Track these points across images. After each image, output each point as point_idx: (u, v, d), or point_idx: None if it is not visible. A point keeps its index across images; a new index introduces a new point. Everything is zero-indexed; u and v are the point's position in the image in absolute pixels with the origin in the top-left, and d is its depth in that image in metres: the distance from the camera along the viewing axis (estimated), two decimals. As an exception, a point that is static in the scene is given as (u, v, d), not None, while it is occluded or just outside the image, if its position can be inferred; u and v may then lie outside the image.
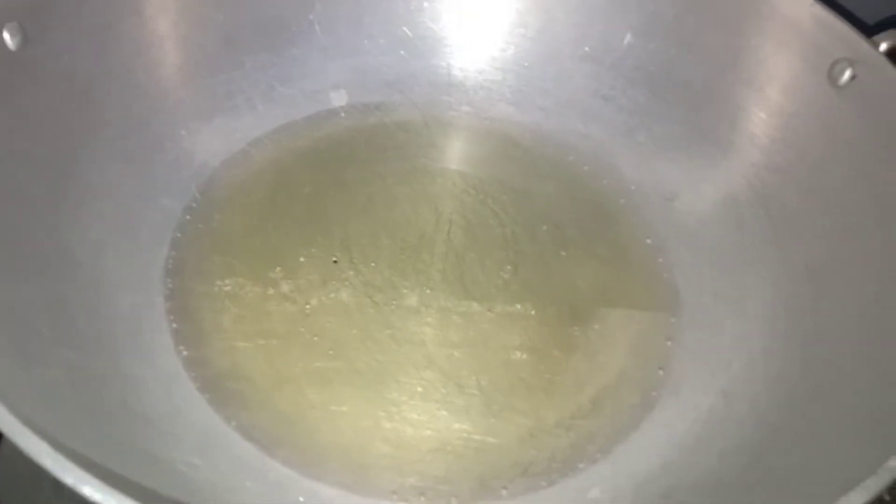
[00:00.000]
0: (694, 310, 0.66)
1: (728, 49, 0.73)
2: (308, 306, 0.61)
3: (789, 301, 0.62)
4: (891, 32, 0.63)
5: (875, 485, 0.35)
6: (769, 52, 0.69)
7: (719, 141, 0.73)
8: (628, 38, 0.79)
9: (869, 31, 0.64)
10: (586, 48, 0.80)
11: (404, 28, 0.81)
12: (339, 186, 0.73)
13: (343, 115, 0.79)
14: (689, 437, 0.55)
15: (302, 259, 0.65)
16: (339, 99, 0.81)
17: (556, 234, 0.70)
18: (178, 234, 0.66)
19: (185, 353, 0.56)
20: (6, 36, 0.55)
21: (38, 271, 0.52)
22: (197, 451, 0.50)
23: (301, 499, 0.49)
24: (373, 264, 0.65)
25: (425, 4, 0.81)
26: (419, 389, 0.57)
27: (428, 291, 0.64)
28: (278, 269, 0.64)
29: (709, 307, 0.66)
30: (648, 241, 0.70)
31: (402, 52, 0.82)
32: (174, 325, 0.58)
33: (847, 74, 0.63)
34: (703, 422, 0.56)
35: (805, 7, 0.65)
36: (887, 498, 0.53)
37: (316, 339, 0.59)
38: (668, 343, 0.63)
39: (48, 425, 0.38)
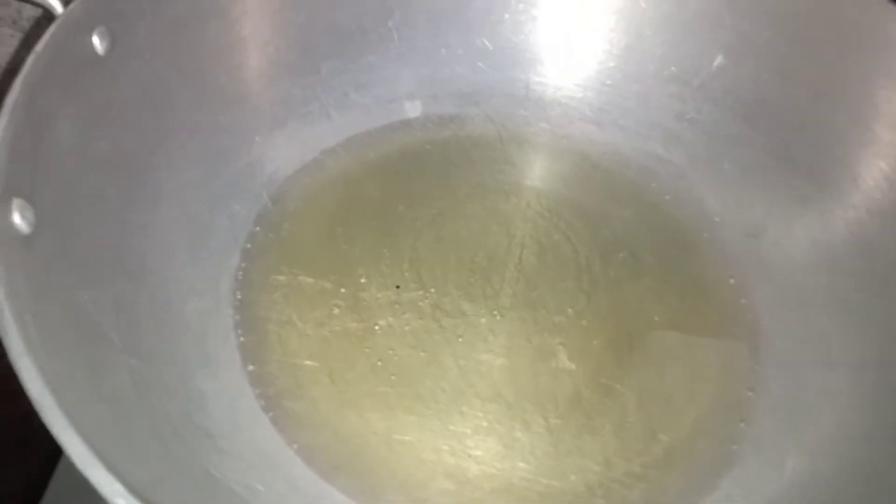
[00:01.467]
0: (778, 357, 0.62)
1: (829, 78, 0.68)
2: (376, 327, 0.60)
3: (881, 356, 0.57)
4: None
5: None
6: (878, 86, 0.65)
7: (814, 177, 0.68)
8: (719, 59, 0.75)
9: None
10: (673, 68, 0.77)
11: (483, 39, 0.79)
12: (410, 200, 0.71)
13: (416, 126, 0.77)
14: (773, 497, 0.51)
15: (369, 277, 0.63)
16: (413, 110, 0.79)
17: (632, 264, 0.67)
18: (248, 244, 0.65)
19: (251, 368, 0.55)
20: (95, 40, 0.55)
21: (108, 276, 0.52)
22: (256, 472, 0.49)
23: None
24: (441, 286, 0.63)
25: (506, 16, 0.79)
26: (484, 424, 0.55)
27: (497, 318, 0.62)
28: (346, 284, 0.62)
29: (794, 355, 0.62)
30: (731, 279, 0.67)
31: (479, 64, 0.80)
32: (241, 339, 0.57)
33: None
34: (787, 483, 0.52)
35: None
36: None
37: (380, 363, 0.58)
38: (750, 393, 0.59)
39: (112, 438, 0.38)
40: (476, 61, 0.80)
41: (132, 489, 0.32)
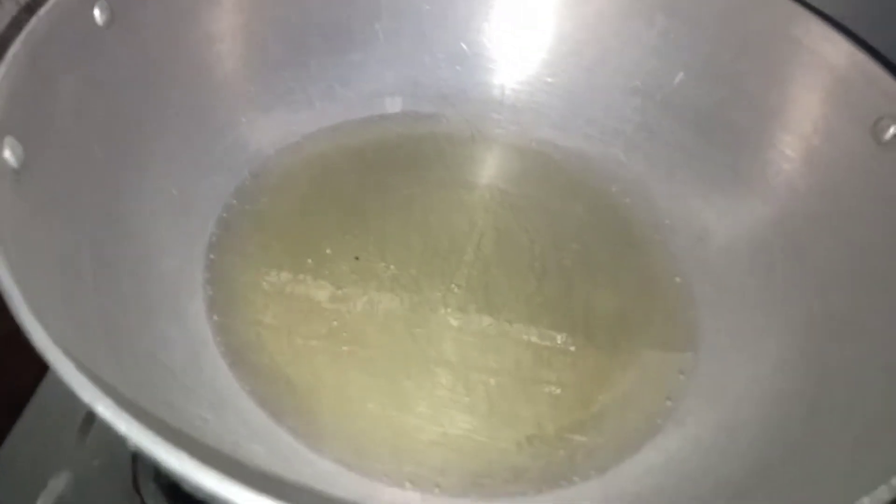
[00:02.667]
0: (711, 347, 0.66)
1: (776, 96, 0.73)
2: (339, 292, 0.64)
3: (805, 350, 0.62)
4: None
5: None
6: (815, 103, 0.70)
7: (758, 185, 0.73)
8: (680, 76, 0.80)
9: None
10: (638, 82, 0.82)
11: (463, 45, 0.85)
12: (382, 186, 0.76)
13: (395, 121, 0.83)
14: (687, 465, 0.55)
15: (335, 250, 0.68)
16: (393, 105, 0.84)
17: (584, 257, 0.72)
18: (225, 213, 0.70)
19: (215, 318, 0.60)
20: (96, 12, 0.61)
21: (91, 226, 0.57)
22: (211, 407, 0.53)
23: (300, 468, 0.51)
24: (402, 262, 0.68)
25: (485, 25, 0.85)
26: (429, 385, 0.59)
27: (452, 293, 0.66)
28: (313, 254, 0.67)
29: (726, 347, 0.66)
30: (676, 277, 0.71)
31: (458, 68, 0.85)
32: (209, 293, 0.62)
33: (891, 131, 0.63)
34: (704, 453, 0.56)
35: (852, 61, 0.65)
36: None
37: (336, 323, 0.62)
38: (681, 376, 0.63)
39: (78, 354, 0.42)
40: (455, 65, 0.85)
41: (110, 392, 0.36)
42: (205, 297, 0.62)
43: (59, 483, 0.61)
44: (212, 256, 0.66)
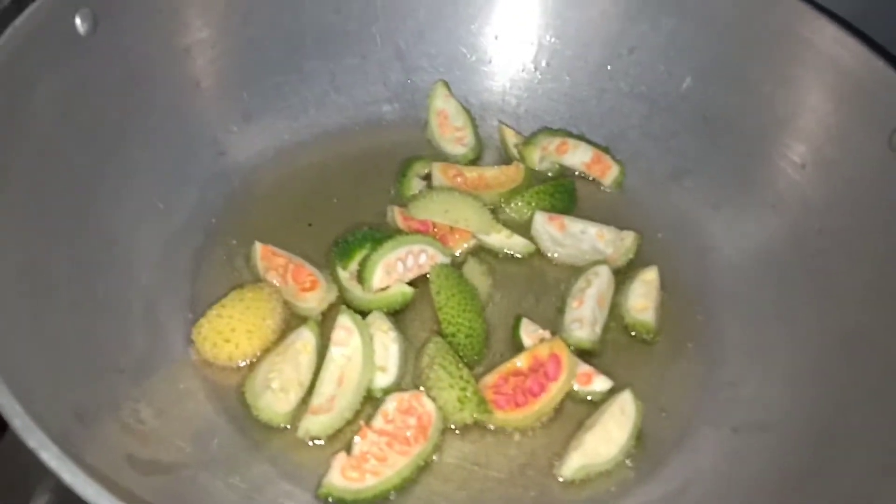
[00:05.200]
0: (719, 362, 0.63)
1: (787, 102, 0.70)
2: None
3: (818, 368, 0.59)
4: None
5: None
6: (830, 111, 0.66)
7: (768, 196, 0.70)
8: (688, 81, 0.77)
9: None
10: (643, 87, 0.79)
11: (462, 48, 0.82)
12: (378, 197, 0.73)
13: (392, 127, 0.80)
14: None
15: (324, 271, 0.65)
16: (391, 112, 0.82)
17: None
18: (213, 225, 0.68)
19: (193, 334, 0.58)
20: (77, 21, 0.59)
21: (69, 237, 0.55)
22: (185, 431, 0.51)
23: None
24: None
25: (486, 28, 0.82)
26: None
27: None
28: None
29: (734, 364, 0.63)
30: (682, 290, 0.68)
31: (457, 73, 0.82)
32: (189, 316, 0.60)
33: (910, 143, 0.60)
34: (705, 481, 0.53)
35: (868, 67, 0.62)
36: None
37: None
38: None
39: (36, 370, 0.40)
40: (455, 70, 0.83)
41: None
42: (185, 320, 0.59)
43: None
44: (197, 272, 0.63)
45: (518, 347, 0.61)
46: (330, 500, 0.50)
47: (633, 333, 0.64)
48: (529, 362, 0.58)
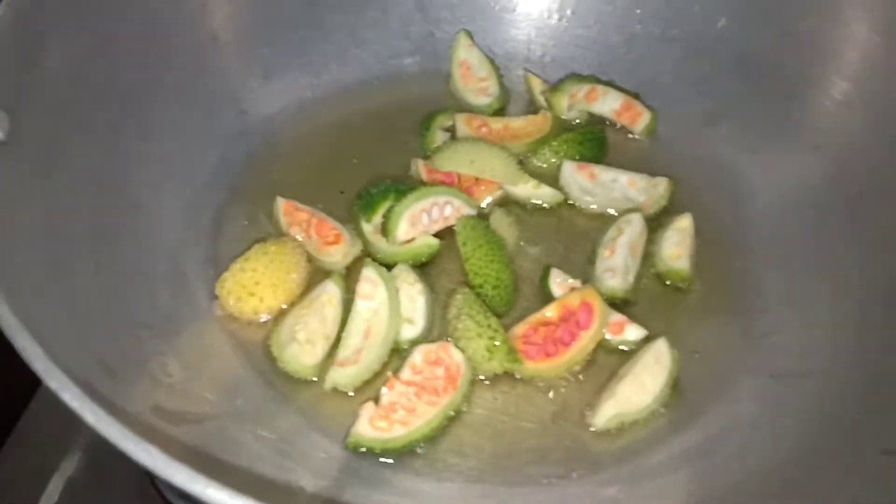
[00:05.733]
0: (759, 313, 0.61)
1: (832, 38, 0.66)
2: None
3: (860, 315, 0.56)
4: None
5: None
6: (878, 44, 0.63)
7: (812, 136, 0.67)
8: (723, 21, 0.73)
9: None
10: (676, 31, 0.75)
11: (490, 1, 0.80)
12: (401, 151, 0.71)
13: (414, 81, 0.78)
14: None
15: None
16: (413, 65, 0.80)
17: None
18: (236, 183, 0.67)
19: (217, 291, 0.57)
20: (90, -26, 0.57)
21: (89, 197, 0.54)
22: (213, 385, 0.50)
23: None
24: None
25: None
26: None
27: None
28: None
29: (774, 314, 0.61)
30: (718, 238, 0.65)
31: (480, 23, 0.80)
32: (212, 273, 0.59)
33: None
34: (743, 431, 0.51)
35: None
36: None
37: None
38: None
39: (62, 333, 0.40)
40: (478, 20, 0.80)
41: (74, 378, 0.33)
42: (207, 276, 0.59)
43: (70, 464, 0.60)
44: (220, 231, 0.63)
45: (547, 298, 0.59)
46: (359, 449, 0.49)
47: (667, 282, 0.62)
48: (560, 312, 0.56)
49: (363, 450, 0.50)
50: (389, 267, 0.58)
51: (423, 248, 0.61)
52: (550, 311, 0.56)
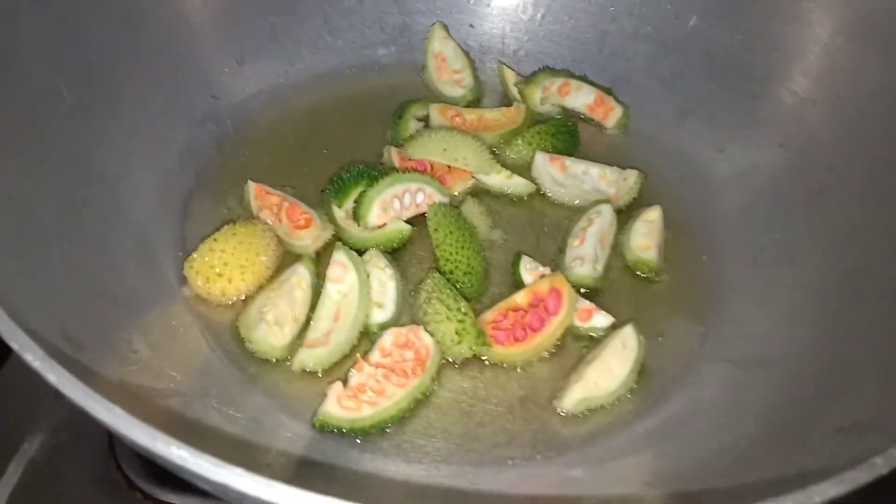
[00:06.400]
0: (724, 303, 0.62)
1: (794, 37, 0.68)
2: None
3: (821, 306, 0.57)
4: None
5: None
6: (841, 45, 0.64)
7: (775, 135, 0.68)
8: (694, 20, 0.75)
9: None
10: (649, 28, 0.77)
11: (465, -8, 0.80)
12: (374, 140, 0.71)
13: (388, 70, 0.78)
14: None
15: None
16: (387, 56, 0.80)
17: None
18: (205, 165, 0.67)
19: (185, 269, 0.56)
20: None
21: (56, 171, 0.53)
22: (179, 364, 0.50)
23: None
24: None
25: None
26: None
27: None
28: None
29: (739, 303, 0.62)
30: (686, 231, 0.67)
31: (456, 15, 0.80)
32: (181, 255, 0.58)
33: (923, 74, 0.58)
34: (706, 414, 0.52)
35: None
36: None
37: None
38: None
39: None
40: (454, 12, 0.81)
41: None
42: (176, 251, 0.58)
43: (32, 446, 0.58)
44: (188, 209, 0.62)
45: (518, 285, 0.59)
46: (327, 429, 0.49)
47: (636, 273, 0.63)
48: (529, 298, 0.56)
49: (330, 429, 0.49)
50: (361, 252, 0.58)
51: (394, 234, 0.61)
52: (520, 298, 0.57)
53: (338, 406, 0.49)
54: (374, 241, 0.60)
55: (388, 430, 0.51)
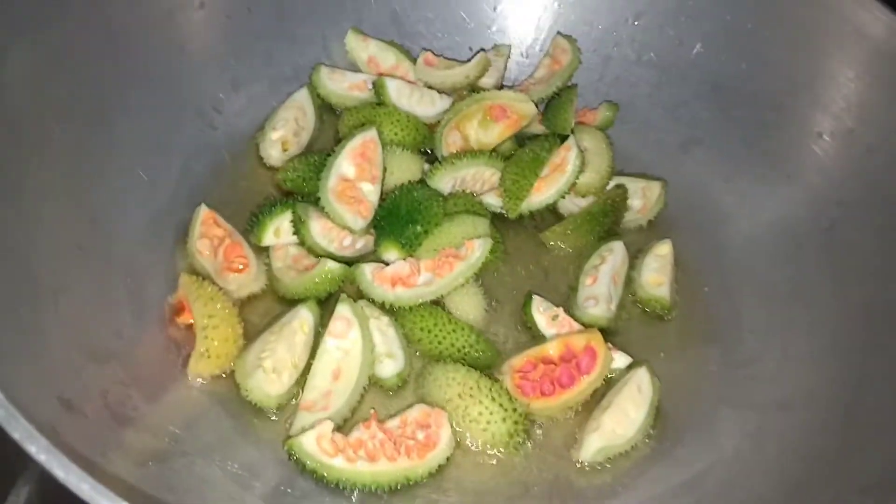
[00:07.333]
0: (735, 342, 0.61)
1: (804, 69, 0.67)
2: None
3: (839, 346, 0.56)
4: None
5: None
6: (851, 78, 0.64)
7: (784, 166, 0.67)
8: (698, 47, 0.74)
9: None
10: (652, 54, 0.76)
11: (462, 13, 0.78)
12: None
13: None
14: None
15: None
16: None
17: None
18: (203, 199, 0.63)
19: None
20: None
21: (52, 212, 0.51)
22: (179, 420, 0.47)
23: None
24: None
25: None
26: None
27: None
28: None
29: (752, 340, 0.61)
30: (695, 265, 0.65)
31: (457, 39, 0.79)
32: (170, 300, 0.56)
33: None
34: (726, 464, 0.51)
35: (892, 32, 0.59)
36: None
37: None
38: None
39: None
40: (454, 36, 0.79)
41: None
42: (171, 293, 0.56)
43: (19, 499, 0.55)
44: (182, 250, 0.60)
45: (529, 325, 0.58)
46: (291, 456, 0.48)
47: (647, 310, 0.62)
48: (561, 350, 0.54)
49: (295, 459, 0.48)
50: (292, 302, 0.56)
51: (323, 278, 0.56)
52: (553, 349, 0.54)
53: (314, 444, 0.47)
54: (304, 290, 0.56)
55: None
